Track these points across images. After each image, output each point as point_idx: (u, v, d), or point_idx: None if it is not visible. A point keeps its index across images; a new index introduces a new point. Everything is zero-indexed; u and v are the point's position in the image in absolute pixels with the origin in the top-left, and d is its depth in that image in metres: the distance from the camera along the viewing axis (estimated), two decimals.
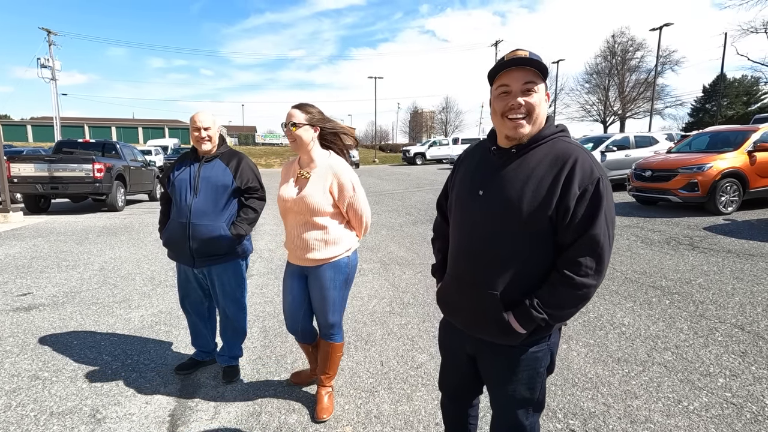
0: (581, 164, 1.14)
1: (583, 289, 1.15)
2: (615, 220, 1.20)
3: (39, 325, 3.51)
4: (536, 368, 1.28)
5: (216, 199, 2.44)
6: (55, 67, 29.55)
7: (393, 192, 13.17)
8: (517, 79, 1.17)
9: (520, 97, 1.17)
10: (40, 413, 2.32)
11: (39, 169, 9.22)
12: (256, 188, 2.58)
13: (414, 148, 31.20)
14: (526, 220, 1.16)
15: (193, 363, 2.76)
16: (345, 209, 2.16)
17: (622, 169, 10.82)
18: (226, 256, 2.49)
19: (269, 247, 6.20)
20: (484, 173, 1.28)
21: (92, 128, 51.57)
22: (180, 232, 2.42)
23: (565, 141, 1.21)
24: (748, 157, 7.64)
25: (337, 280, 2.18)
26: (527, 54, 1.15)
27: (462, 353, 1.44)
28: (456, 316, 1.39)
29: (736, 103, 37.98)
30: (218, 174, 2.47)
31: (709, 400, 2.31)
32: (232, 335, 2.66)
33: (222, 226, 2.43)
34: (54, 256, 5.81)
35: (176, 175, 2.50)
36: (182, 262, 2.54)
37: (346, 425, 2.20)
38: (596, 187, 1.13)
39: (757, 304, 3.59)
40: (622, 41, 40.49)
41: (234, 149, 2.64)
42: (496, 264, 1.22)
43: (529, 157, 1.20)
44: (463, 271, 1.32)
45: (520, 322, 1.20)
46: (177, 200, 2.45)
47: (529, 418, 1.33)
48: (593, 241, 1.13)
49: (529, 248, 1.20)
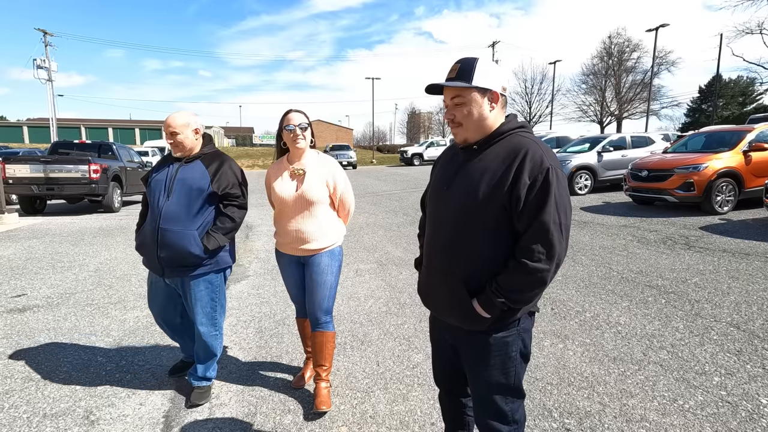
0: (531, 156, 1.22)
1: (537, 273, 1.21)
2: (569, 207, 1.25)
3: (33, 327, 3.49)
4: (508, 353, 1.35)
5: (189, 204, 2.24)
6: (52, 68, 29.40)
7: (391, 192, 13.17)
8: (447, 95, 1.33)
9: (451, 110, 1.33)
10: (33, 415, 2.30)
11: (34, 170, 9.18)
12: (237, 195, 2.35)
13: (411, 148, 31.23)
14: (482, 210, 1.26)
15: (184, 365, 2.69)
16: (337, 200, 2.38)
17: (619, 169, 10.86)
18: (197, 269, 2.28)
19: (266, 247, 6.18)
20: (451, 170, 1.40)
21: (89, 129, 51.33)
22: (150, 237, 2.25)
23: (521, 135, 1.30)
24: (743, 157, 7.68)
25: (333, 266, 2.35)
26: (456, 71, 1.30)
27: (446, 344, 1.52)
28: (431, 304, 1.50)
29: (732, 103, 38.18)
30: (195, 176, 2.28)
31: (704, 398, 2.31)
32: (204, 355, 2.43)
33: (193, 235, 2.22)
34: (49, 258, 5.78)
35: (154, 176, 2.35)
36: (153, 270, 2.36)
37: (342, 425, 2.19)
38: (545, 177, 1.20)
39: (752, 303, 3.60)
40: (619, 42, 40.59)
41: (220, 151, 2.45)
42: (460, 254, 1.32)
43: (488, 152, 1.31)
44: (433, 262, 1.43)
45: (484, 306, 1.29)
46: (151, 203, 2.30)
47: (508, 404, 1.39)
48: (543, 227, 1.20)
49: (491, 239, 1.28)
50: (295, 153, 2.33)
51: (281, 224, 2.35)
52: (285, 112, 2.31)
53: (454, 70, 1.31)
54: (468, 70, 1.28)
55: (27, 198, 9.69)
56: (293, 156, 2.35)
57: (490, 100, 1.29)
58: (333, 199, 2.36)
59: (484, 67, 1.28)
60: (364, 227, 7.62)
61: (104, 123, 54.06)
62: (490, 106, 1.30)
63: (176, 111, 2.36)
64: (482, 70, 1.27)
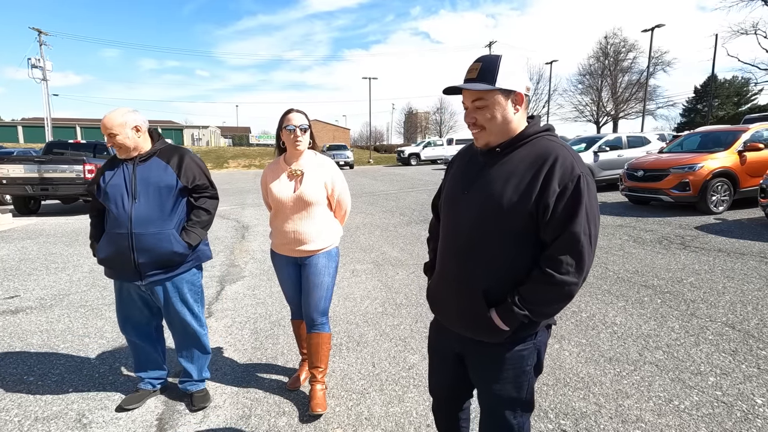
0: (561, 162, 1.15)
1: (564, 287, 1.14)
2: (598, 218, 1.19)
3: (26, 329, 3.45)
4: (522, 366, 1.28)
5: (161, 203, 2.14)
6: (46, 67, 29.18)
7: (387, 192, 13.15)
8: (467, 97, 1.24)
9: (472, 113, 1.24)
10: (24, 418, 2.27)
11: (29, 170, 9.10)
12: (206, 186, 2.30)
13: (409, 148, 31.22)
14: (506, 217, 1.18)
15: (142, 395, 2.40)
16: (335, 201, 2.38)
17: (615, 169, 10.88)
18: (180, 267, 2.23)
19: (262, 248, 6.16)
20: (470, 173, 1.31)
21: (84, 129, 51.01)
22: (121, 245, 2.10)
23: (549, 139, 1.22)
24: (738, 157, 7.71)
25: (330, 267, 2.35)
26: (477, 71, 1.20)
27: (450, 353, 1.44)
28: (443, 313, 1.42)
29: (727, 103, 38.37)
30: (159, 174, 2.16)
31: (699, 398, 2.31)
32: (198, 356, 2.40)
33: (172, 234, 2.15)
34: (43, 258, 5.73)
35: (107, 180, 2.16)
36: (126, 279, 2.21)
37: (337, 427, 2.17)
38: (576, 185, 1.13)
39: (747, 303, 3.61)
40: (615, 42, 40.75)
41: (175, 144, 2.34)
42: (479, 263, 1.24)
43: (512, 156, 1.22)
44: (448, 269, 1.34)
45: (503, 318, 1.21)
46: (112, 209, 2.12)
47: (517, 418, 1.33)
48: (573, 238, 1.13)
49: (513, 247, 1.21)
50: (293, 154, 2.30)
51: (278, 225, 2.33)
52: (286, 111, 2.27)
53: (474, 70, 1.21)
54: (490, 70, 1.18)
55: (21, 198, 9.60)
56: (291, 156, 2.32)
57: (514, 102, 1.21)
58: (330, 200, 2.36)
59: (508, 67, 1.18)
60: (361, 227, 7.60)
61: (100, 123, 53.75)
62: (515, 109, 1.21)
63: (112, 110, 2.18)
64: (506, 70, 1.18)
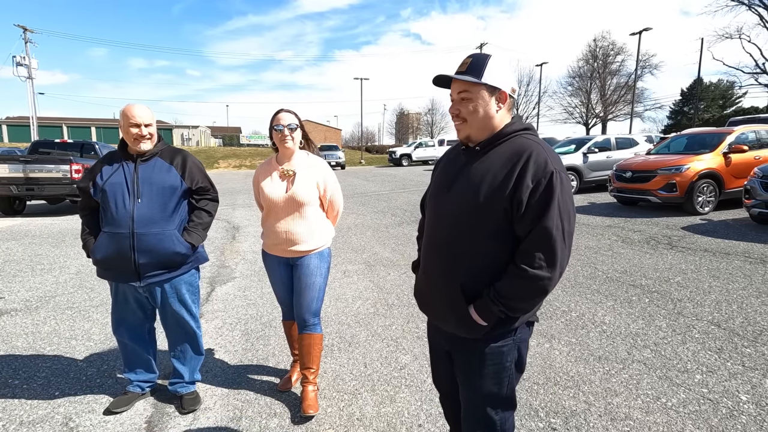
0: (535, 158, 1.18)
1: (538, 281, 1.17)
2: (573, 214, 1.21)
3: (10, 331, 3.39)
4: (502, 363, 1.31)
5: (164, 204, 2.14)
6: (32, 65, 28.69)
7: (379, 193, 13.15)
8: (455, 89, 1.29)
9: (457, 105, 1.28)
10: (9, 422, 2.23)
11: (13, 170, 8.92)
12: (207, 188, 2.32)
13: (400, 149, 31.21)
14: (482, 213, 1.22)
15: (131, 398, 2.37)
16: (327, 202, 2.36)
17: (604, 170, 11.02)
18: (180, 267, 2.23)
19: (253, 249, 6.12)
20: (452, 171, 1.36)
21: (71, 128, 50.24)
22: (121, 245, 2.07)
23: (526, 137, 1.26)
24: (723, 158, 7.86)
25: (322, 268, 2.34)
26: (467, 65, 1.26)
27: (441, 349, 1.48)
28: (426, 309, 1.46)
29: (713, 106, 39.01)
30: (162, 174, 2.16)
31: (686, 396, 2.35)
32: (191, 357, 2.40)
33: (174, 234, 2.15)
34: (28, 260, 5.62)
35: (106, 178, 2.13)
36: (122, 280, 2.18)
37: (329, 428, 2.17)
38: (549, 181, 1.16)
39: (733, 302, 3.68)
40: (603, 45, 41.26)
41: (174, 146, 2.36)
42: (459, 259, 1.28)
43: (490, 154, 1.27)
44: (430, 265, 1.38)
45: (480, 313, 1.24)
46: (111, 208, 2.08)
47: (498, 414, 1.35)
48: (545, 233, 1.15)
49: (491, 243, 1.24)
50: (284, 153, 2.30)
51: (270, 225, 2.32)
52: (275, 112, 2.28)
53: (464, 64, 1.27)
54: (479, 65, 1.24)
55: (6, 198, 9.40)
56: (282, 156, 2.32)
57: (498, 99, 1.26)
58: (322, 200, 2.35)
59: (495, 66, 1.24)
60: (353, 228, 7.59)
61: (87, 122, 52.95)
62: (497, 106, 1.26)
63: (133, 104, 2.15)
64: (494, 68, 1.24)
